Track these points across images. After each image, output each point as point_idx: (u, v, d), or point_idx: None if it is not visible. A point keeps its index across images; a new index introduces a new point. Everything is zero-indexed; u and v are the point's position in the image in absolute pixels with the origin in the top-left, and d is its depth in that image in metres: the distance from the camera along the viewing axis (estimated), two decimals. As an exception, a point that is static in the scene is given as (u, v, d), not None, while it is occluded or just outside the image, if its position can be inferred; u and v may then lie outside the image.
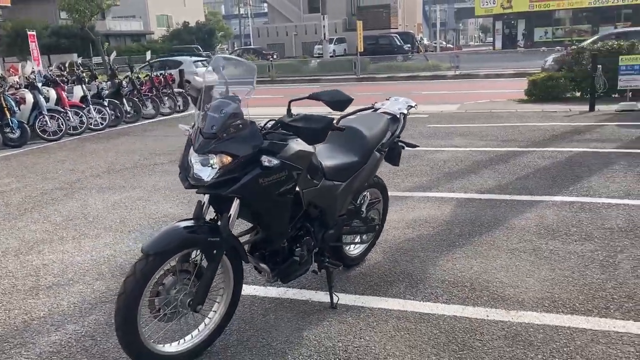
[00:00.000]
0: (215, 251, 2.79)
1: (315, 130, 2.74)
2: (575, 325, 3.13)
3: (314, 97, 2.88)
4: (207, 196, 2.89)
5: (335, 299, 3.47)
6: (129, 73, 13.56)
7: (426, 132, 9.66)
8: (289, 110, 2.89)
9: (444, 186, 6.17)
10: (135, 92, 13.24)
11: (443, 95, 16.09)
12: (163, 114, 13.86)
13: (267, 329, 3.26)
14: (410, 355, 2.91)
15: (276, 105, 9.06)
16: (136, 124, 12.86)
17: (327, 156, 3.36)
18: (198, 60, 21.19)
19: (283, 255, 3.20)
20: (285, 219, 3.06)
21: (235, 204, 2.82)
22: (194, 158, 2.74)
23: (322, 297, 3.62)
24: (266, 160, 2.71)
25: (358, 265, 4.07)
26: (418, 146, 4.29)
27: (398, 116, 3.89)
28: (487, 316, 3.28)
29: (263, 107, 11.87)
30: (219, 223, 2.89)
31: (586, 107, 11.70)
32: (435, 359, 2.87)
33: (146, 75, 14.63)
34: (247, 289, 3.76)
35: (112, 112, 12.28)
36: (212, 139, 2.69)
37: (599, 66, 11.81)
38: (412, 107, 4.01)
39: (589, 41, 17.75)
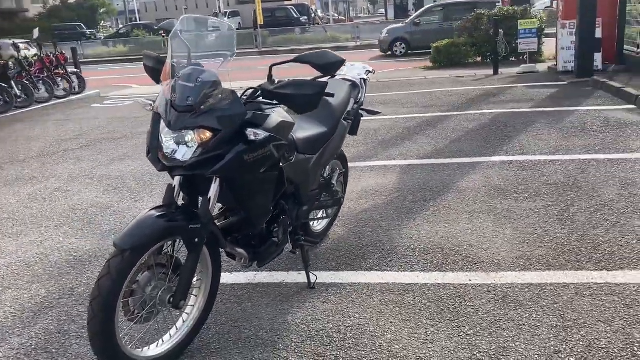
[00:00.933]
0: (197, 239, 2.49)
1: (308, 96, 2.48)
2: (556, 281, 3.16)
3: (299, 60, 2.63)
4: (177, 179, 2.56)
5: (313, 278, 3.27)
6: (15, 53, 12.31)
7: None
8: (270, 76, 2.61)
9: (383, 154, 6.11)
10: (24, 74, 12.05)
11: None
12: (58, 97, 12.76)
13: (247, 318, 3.01)
14: (407, 330, 2.79)
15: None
16: (29, 108, 11.73)
17: (297, 128, 3.12)
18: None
19: (260, 237, 2.94)
20: (270, 198, 2.81)
21: (215, 185, 2.53)
22: (167, 136, 2.41)
23: (296, 277, 3.41)
24: (252, 134, 2.43)
25: (323, 241, 3.89)
26: (380, 112, 4.14)
27: (358, 82, 3.71)
28: (470, 281, 3.23)
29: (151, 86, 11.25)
30: (195, 209, 2.60)
31: (490, 71, 12.18)
32: (434, 331, 2.77)
33: (35, 55, 13.36)
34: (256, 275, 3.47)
35: (0, 97, 11.12)
36: (187, 113, 2.37)
37: (501, 31, 12.27)
38: (370, 72, 3.85)
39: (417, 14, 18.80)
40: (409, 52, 18.32)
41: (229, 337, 2.84)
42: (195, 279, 2.67)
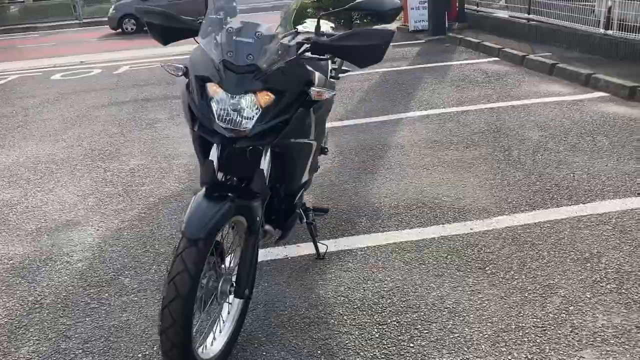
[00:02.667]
0: (258, 218, 2.19)
1: (374, 47, 2.24)
2: (548, 218, 3.35)
3: (354, 7, 2.37)
4: (215, 152, 2.21)
5: (322, 248, 3.09)
6: None
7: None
8: (318, 28, 2.33)
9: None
10: None
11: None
12: None
13: (275, 299, 2.75)
14: (448, 284, 2.77)
15: None
16: None
17: None
18: None
19: (286, 210, 2.69)
20: (308, 165, 2.56)
21: (268, 155, 2.22)
22: (222, 102, 2.04)
23: (297, 250, 3.20)
24: (316, 94, 2.16)
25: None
26: (350, 70, 3.97)
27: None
28: (472, 229, 3.30)
29: None
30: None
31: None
32: (473, 281, 2.78)
33: None
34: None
35: None
36: (249, 73, 2.03)
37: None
38: (333, 27, 3.66)
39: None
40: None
41: (269, 322, 2.58)
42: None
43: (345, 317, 2.57)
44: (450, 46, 9.64)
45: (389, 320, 2.53)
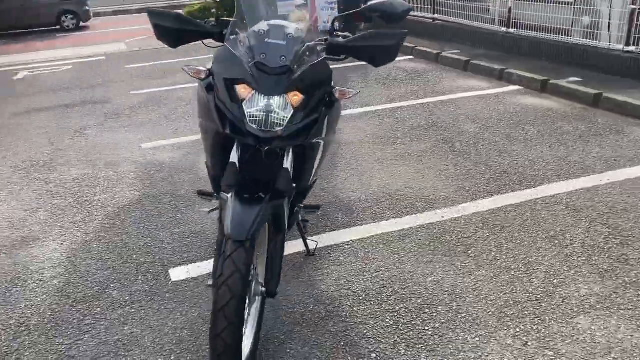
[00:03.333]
0: (285, 216, 2.24)
1: (389, 47, 2.35)
2: (507, 203, 3.64)
3: (369, 9, 2.45)
4: (236, 154, 2.23)
5: (312, 245, 3.16)
6: None
7: (140, 74, 8.85)
8: (333, 29, 2.40)
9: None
10: None
11: (86, 37, 14.53)
12: None
13: (279, 298, 2.78)
14: (440, 269, 2.95)
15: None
16: None
17: None
18: None
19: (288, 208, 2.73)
20: (320, 164, 2.63)
21: (290, 154, 2.27)
22: (256, 103, 2.06)
23: (286, 248, 3.23)
24: (340, 93, 2.24)
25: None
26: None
27: None
28: (442, 217, 3.51)
29: None
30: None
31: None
32: (461, 265, 2.99)
33: None
34: (192, 268, 3.09)
35: None
36: (283, 75, 2.07)
37: (259, -7, 12.54)
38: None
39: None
40: None
41: (282, 320, 2.62)
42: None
43: (354, 308, 2.67)
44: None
45: (398, 308, 2.66)
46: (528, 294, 2.69)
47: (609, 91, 5.62)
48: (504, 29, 8.29)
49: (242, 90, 2.07)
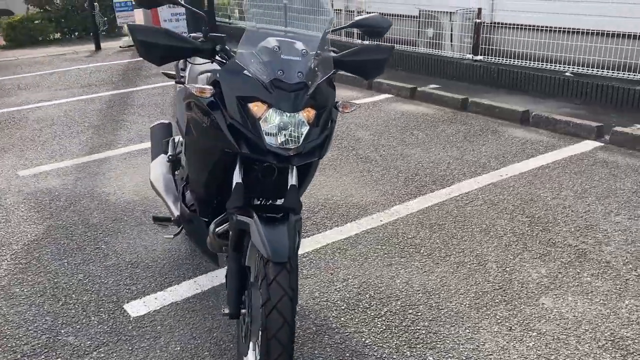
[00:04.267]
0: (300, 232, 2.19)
1: (381, 61, 2.38)
2: (432, 203, 3.91)
3: (355, 25, 2.45)
4: (239, 174, 2.14)
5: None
6: None
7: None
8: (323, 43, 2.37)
9: (135, 138, 5.53)
10: None
11: None
12: None
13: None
14: (404, 269, 3.08)
15: None
16: None
17: None
18: None
19: None
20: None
21: (295, 171, 2.22)
22: (274, 120, 1.99)
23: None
24: (343, 107, 2.24)
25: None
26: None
27: None
28: (381, 221, 3.66)
29: None
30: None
31: (87, 47, 11.70)
32: (419, 264, 3.15)
33: None
34: (149, 300, 2.87)
35: None
36: (300, 91, 2.02)
37: (96, 4, 11.77)
38: None
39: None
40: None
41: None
42: None
43: (342, 319, 2.68)
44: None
45: (383, 312, 2.73)
46: (490, 284, 2.93)
47: (471, 96, 6.26)
48: (358, 41, 8.78)
49: (255, 108, 1.99)
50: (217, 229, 2.44)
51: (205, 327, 2.66)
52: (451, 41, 8.24)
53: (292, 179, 2.17)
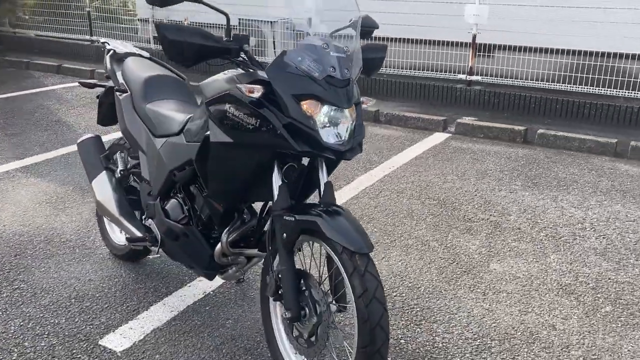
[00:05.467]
0: None
1: (381, 59, 2.45)
2: (352, 194, 4.12)
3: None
4: (279, 175, 2.11)
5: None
6: None
7: None
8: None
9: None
10: None
11: None
12: None
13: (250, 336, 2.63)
14: (362, 260, 3.24)
15: None
16: None
17: None
18: None
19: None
20: None
21: (324, 169, 2.23)
22: (332, 116, 2.00)
23: (205, 284, 2.99)
24: (363, 101, 2.31)
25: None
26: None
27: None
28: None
29: None
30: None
31: None
32: (376, 250, 3.34)
33: None
34: (125, 331, 2.59)
35: None
36: (347, 87, 2.05)
37: None
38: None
39: None
40: None
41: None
42: None
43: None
44: (16, 70, 8.77)
45: (372, 299, 2.85)
46: (444, 260, 3.24)
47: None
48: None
49: (309, 105, 1.98)
50: (229, 237, 2.34)
51: (210, 345, 2.49)
52: (274, 48, 8.55)
53: (326, 176, 2.19)
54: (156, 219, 2.59)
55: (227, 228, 2.34)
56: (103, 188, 2.84)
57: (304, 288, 2.09)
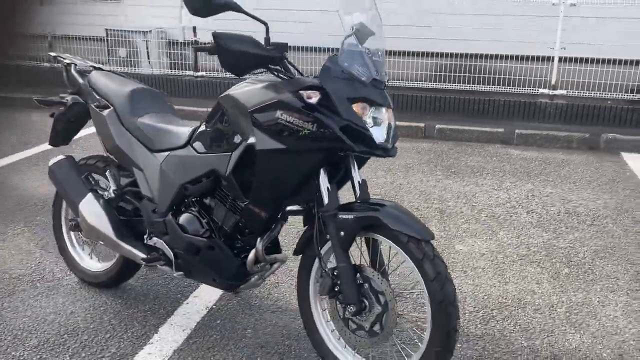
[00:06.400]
0: None
1: None
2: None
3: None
4: (325, 176, 2.19)
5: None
6: None
7: None
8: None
9: None
10: None
11: None
12: None
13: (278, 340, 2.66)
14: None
15: None
16: None
17: None
18: None
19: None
20: None
21: (356, 167, 2.32)
22: (380, 117, 2.11)
23: (207, 297, 2.92)
24: None
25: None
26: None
27: None
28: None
29: None
30: None
31: None
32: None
33: None
34: (155, 350, 2.47)
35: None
36: (385, 89, 2.18)
37: None
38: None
39: None
40: None
41: (324, 342, 2.58)
42: None
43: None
44: None
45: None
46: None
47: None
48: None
49: (360, 107, 2.08)
50: (265, 243, 2.35)
51: (242, 356, 2.45)
52: (148, 58, 8.31)
53: (359, 175, 2.30)
54: (169, 236, 2.48)
55: (267, 234, 2.33)
56: (93, 211, 2.64)
57: (360, 281, 2.17)
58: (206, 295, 2.91)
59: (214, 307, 2.82)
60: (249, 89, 2.18)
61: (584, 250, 3.48)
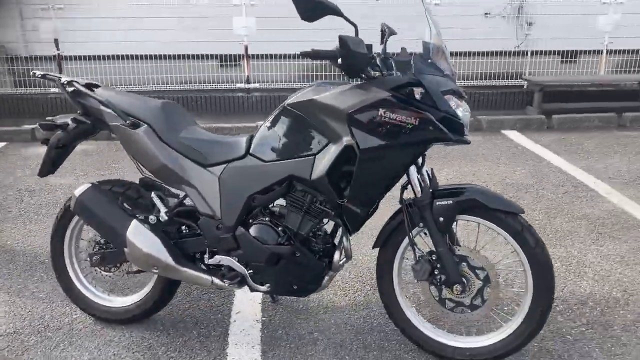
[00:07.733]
0: None
1: None
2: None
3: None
4: (415, 168, 2.32)
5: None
6: None
7: None
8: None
9: None
10: None
11: None
12: None
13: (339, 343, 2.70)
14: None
15: None
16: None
17: None
18: None
19: None
20: None
21: None
22: (465, 109, 2.27)
23: (251, 309, 2.83)
24: None
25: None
26: None
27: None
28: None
29: None
30: None
31: None
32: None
33: None
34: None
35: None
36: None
37: None
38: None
39: None
40: None
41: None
42: None
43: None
44: None
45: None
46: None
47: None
48: None
49: (451, 99, 2.21)
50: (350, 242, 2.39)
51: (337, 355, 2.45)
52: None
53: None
54: (242, 251, 2.37)
55: (353, 231, 2.36)
56: (145, 239, 2.39)
57: (457, 261, 2.32)
58: (247, 309, 2.81)
59: (264, 319, 2.74)
60: (339, 92, 2.18)
61: (536, 213, 3.98)
